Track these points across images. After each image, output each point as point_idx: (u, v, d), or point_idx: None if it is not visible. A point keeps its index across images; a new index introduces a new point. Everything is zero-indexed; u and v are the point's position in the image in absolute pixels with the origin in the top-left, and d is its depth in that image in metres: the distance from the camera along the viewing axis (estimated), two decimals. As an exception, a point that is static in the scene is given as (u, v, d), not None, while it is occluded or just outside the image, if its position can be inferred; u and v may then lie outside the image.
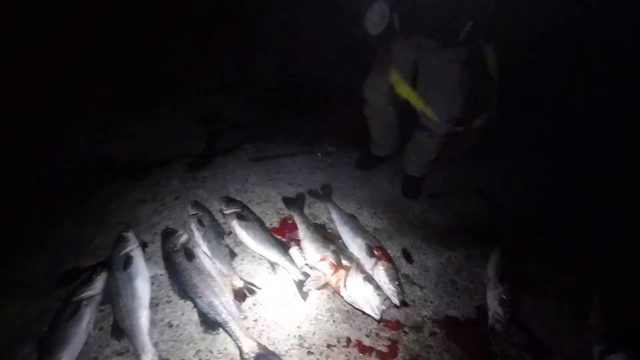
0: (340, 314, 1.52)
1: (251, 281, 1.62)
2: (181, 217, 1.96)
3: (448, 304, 1.58)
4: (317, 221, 1.98)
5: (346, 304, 1.54)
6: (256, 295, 1.57)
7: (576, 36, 2.75)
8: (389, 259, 1.64)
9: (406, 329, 1.47)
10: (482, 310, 1.54)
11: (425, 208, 2.16)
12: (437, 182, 2.37)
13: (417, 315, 1.52)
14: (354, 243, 1.75)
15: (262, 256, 1.73)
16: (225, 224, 1.89)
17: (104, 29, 3.09)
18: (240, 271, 1.68)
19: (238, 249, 1.78)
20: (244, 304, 1.53)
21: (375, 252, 1.66)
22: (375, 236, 1.84)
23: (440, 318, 1.52)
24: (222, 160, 2.42)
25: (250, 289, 1.58)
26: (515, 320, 1.49)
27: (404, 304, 1.50)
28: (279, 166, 2.41)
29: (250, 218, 1.86)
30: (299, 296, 1.57)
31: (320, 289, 1.59)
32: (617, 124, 2.70)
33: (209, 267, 1.60)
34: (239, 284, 1.59)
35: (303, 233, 1.81)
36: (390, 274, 1.52)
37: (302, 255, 1.74)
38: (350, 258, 1.64)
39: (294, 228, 1.89)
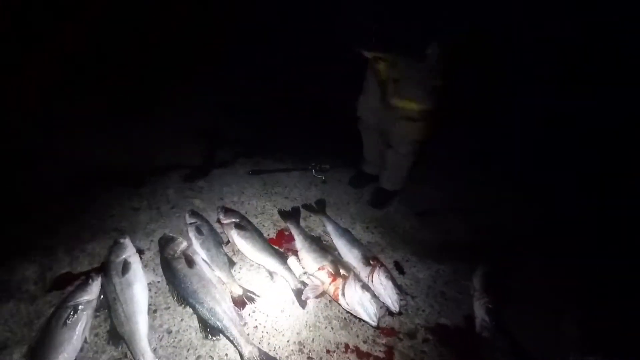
0: (338, 321, 1.56)
1: (250, 289, 1.65)
2: (177, 226, 1.98)
3: (439, 312, 1.67)
4: (313, 233, 2.05)
5: (343, 311, 1.60)
6: (255, 302, 1.59)
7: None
8: (385, 268, 1.72)
9: (401, 336, 1.53)
10: (470, 318, 1.64)
11: (415, 225, 2.29)
12: (425, 202, 2.52)
13: (411, 323, 1.60)
14: (351, 254, 1.83)
15: (261, 265, 1.77)
16: (223, 234, 1.92)
17: (103, 36, 3.12)
18: (239, 279, 1.70)
19: (236, 258, 1.81)
20: (244, 311, 1.55)
21: (371, 262, 1.75)
22: (369, 249, 1.93)
23: (432, 326, 1.60)
24: (219, 172, 2.47)
25: (249, 297, 1.60)
26: (500, 327, 1.60)
27: (399, 312, 1.58)
28: (275, 181, 2.48)
29: (249, 228, 1.90)
30: (297, 304, 1.61)
31: (318, 297, 1.64)
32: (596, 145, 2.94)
33: (208, 274, 1.61)
34: (239, 291, 1.61)
35: (300, 244, 1.87)
36: (390, 281, 1.60)
37: (300, 265, 1.79)
38: (348, 267, 1.71)
39: (291, 239, 1.94)
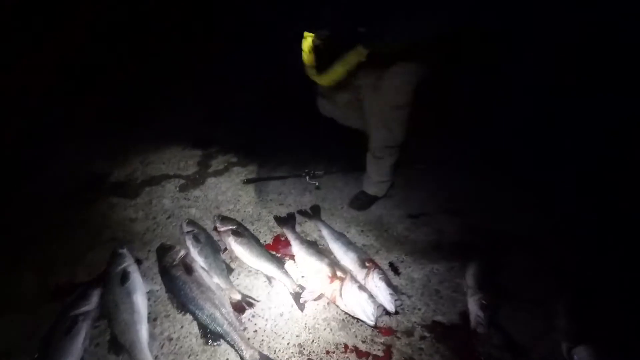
0: (337, 322, 1.59)
1: (249, 294, 1.67)
2: (174, 235, 2.00)
3: (434, 310, 1.71)
4: (309, 238, 2.08)
5: (341, 313, 1.63)
6: (254, 307, 1.62)
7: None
8: (380, 270, 1.76)
9: (398, 334, 1.57)
10: (465, 315, 1.68)
11: (408, 227, 2.33)
12: (418, 204, 2.58)
13: (408, 322, 1.63)
14: (346, 257, 1.86)
15: (258, 270, 1.79)
16: (220, 241, 1.94)
17: (97, 44, 3.15)
18: (238, 285, 1.73)
19: (234, 265, 1.83)
20: (243, 316, 1.57)
21: (367, 264, 1.79)
22: (365, 251, 1.97)
23: (429, 323, 1.64)
24: (214, 181, 2.49)
25: (248, 302, 1.62)
26: (494, 323, 1.64)
27: (395, 311, 1.61)
28: (270, 188, 2.52)
29: (246, 234, 1.93)
30: (296, 307, 1.63)
31: (316, 299, 1.67)
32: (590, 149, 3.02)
33: (207, 281, 1.64)
34: (237, 297, 1.63)
35: (297, 248, 1.90)
36: (385, 282, 1.64)
37: (298, 269, 1.82)
38: (344, 270, 1.75)
39: (287, 244, 1.98)
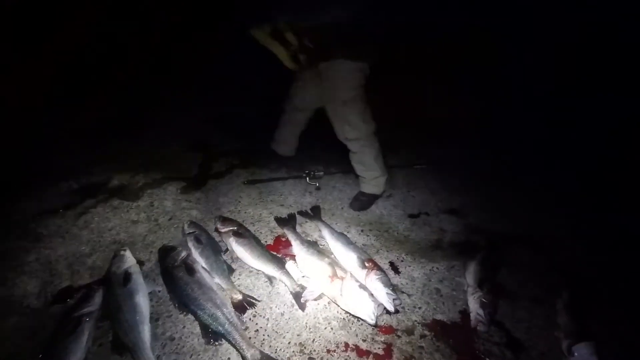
0: (337, 321, 1.60)
1: (250, 294, 1.68)
2: (176, 237, 2.01)
3: (434, 309, 1.72)
4: (309, 238, 2.09)
5: (342, 312, 1.64)
6: (255, 307, 1.63)
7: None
8: (380, 269, 1.77)
9: (399, 333, 1.57)
10: (465, 313, 1.69)
11: (408, 226, 2.35)
12: (417, 204, 2.59)
13: (408, 320, 1.64)
14: (346, 257, 1.87)
15: (259, 271, 1.81)
16: (221, 242, 1.96)
17: (96, 46, 3.17)
18: (239, 285, 1.74)
19: (235, 265, 1.85)
20: (244, 316, 1.58)
21: (366, 264, 1.80)
22: (365, 251, 1.98)
23: (429, 322, 1.65)
24: (215, 183, 2.52)
25: (249, 302, 1.63)
26: (495, 321, 1.65)
27: (396, 310, 1.62)
28: (270, 189, 2.54)
29: (247, 235, 1.95)
30: (297, 306, 1.64)
31: (317, 299, 1.68)
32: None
33: (208, 282, 1.65)
34: (239, 297, 1.64)
35: (298, 248, 1.91)
36: (384, 282, 1.65)
37: (298, 269, 1.84)
38: (344, 269, 1.76)
39: (288, 245, 1.99)
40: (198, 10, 3.83)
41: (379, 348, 1.50)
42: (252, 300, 1.65)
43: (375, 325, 1.54)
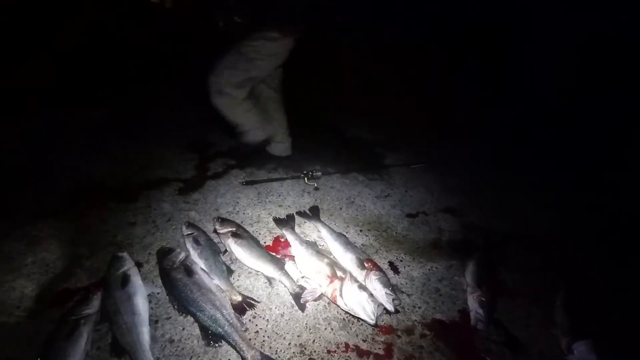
0: (337, 322, 1.60)
1: (249, 295, 1.68)
2: (174, 238, 2.00)
3: (434, 308, 1.72)
4: (308, 239, 2.09)
5: (342, 312, 1.64)
6: (255, 308, 1.62)
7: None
8: (380, 269, 1.77)
9: (399, 333, 1.58)
10: (465, 312, 1.70)
11: (407, 226, 2.35)
12: (416, 204, 2.60)
13: (408, 320, 1.64)
14: (346, 257, 1.87)
15: (259, 272, 1.80)
16: (220, 243, 1.95)
17: (96, 47, 3.15)
18: (238, 286, 1.73)
19: (234, 266, 1.84)
20: (244, 317, 1.57)
21: (366, 264, 1.80)
22: (364, 251, 1.98)
23: (429, 321, 1.65)
24: (213, 184, 2.50)
25: (249, 303, 1.63)
26: (494, 320, 1.66)
27: (395, 310, 1.63)
28: (269, 190, 2.53)
29: (245, 236, 1.94)
30: (296, 307, 1.64)
31: (316, 299, 1.68)
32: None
33: (207, 283, 1.64)
34: (238, 298, 1.63)
35: (297, 249, 1.91)
36: (383, 282, 1.65)
37: (298, 269, 1.83)
38: (344, 269, 1.76)
39: (287, 245, 1.99)
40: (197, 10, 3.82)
41: (379, 348, 1.50)
42: (252, 301, 1.64)
43: (375, 326, 1.54)
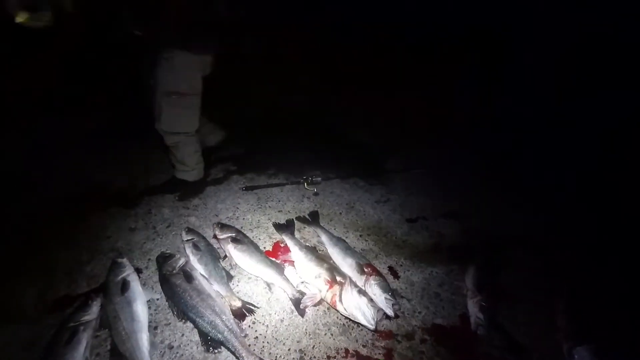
0: (337, 327, 1.60)
1: (249, 301, 1.67)
2: (174, 244, 2.01)
3: (434, 313, 1.71)
4: (308, 244, 2.09)
5: (342, 317, 1.63)
6: (255, 314, 1.62)
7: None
8: (379, 274, 1.77)
9: (399, 338, 1.57)
10: (465, 317, 1.69)
11: (406, 231, 2.35)
12: (415, 208, 2.60)
13: (408, 325, 1.63)
14: (345, 262, 1.87)
15: (258, 277, 1.80)
16: (219, 249, 1.95)
17: (96, 49, 3.17)
18: (238, 292, 1.73)
19: (234, 272, 1.84)
20: (243, 323, 1.57)
21: (365, 269, 1.79)
22: (363, 255, 1.98)
23: (429, 326, 1.64)
24: (213, 190, 2.51)
25: (249, 309, 1.63)
26: (495, 324, 1.65)
27: (395, 315, 1.62)
28: (268, 195, 2.54)
29: (245, 242, 1.94)
30: (296, 313, 1.64)
31: (316, 305, 1.67)
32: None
33: (207, 289, 1.64)
34: (238, 304, 1.63)
35: (296, 254, 1.91)
36: (383, 287, 1.64)
37: (297, 274, 1.83)
38: (343, 275, 1.75)
39: (287, 250, 1.98)
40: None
41: (380, 353, 1.49)
42: (251, 307, 1.64)
43: (375, 331, 1.54)
